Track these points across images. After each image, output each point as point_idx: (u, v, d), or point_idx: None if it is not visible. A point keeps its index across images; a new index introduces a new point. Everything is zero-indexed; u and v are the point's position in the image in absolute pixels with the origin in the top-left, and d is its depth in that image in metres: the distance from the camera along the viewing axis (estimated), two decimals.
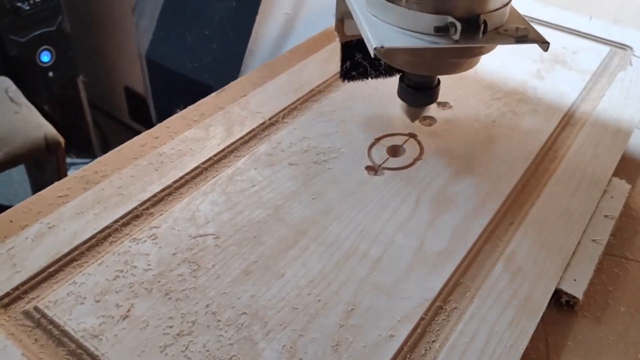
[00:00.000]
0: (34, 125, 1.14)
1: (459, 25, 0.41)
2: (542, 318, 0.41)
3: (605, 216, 0.48)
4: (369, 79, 0.58)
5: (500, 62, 0.67)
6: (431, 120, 0.58)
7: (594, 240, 0.46)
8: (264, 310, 0.39)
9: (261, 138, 0.55)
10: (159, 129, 0.55)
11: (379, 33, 0.44)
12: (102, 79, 1.63)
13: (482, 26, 0.42)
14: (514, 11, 0.47)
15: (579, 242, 0.46)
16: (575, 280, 0.43)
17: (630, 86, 0.65)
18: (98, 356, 0.35)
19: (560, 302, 0.42)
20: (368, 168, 0.52)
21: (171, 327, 0.38)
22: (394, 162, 0.53)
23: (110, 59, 1.59)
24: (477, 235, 0.45)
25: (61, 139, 1.15)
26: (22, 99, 1.20)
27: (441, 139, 0.56)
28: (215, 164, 0.51)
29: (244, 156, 0.52)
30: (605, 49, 0.72)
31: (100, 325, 0.37)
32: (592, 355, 0.39)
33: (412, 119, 0.55)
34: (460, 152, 0.54)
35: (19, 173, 1.39)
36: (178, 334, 0.37)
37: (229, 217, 0.46)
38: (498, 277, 0.42)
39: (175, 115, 0.57)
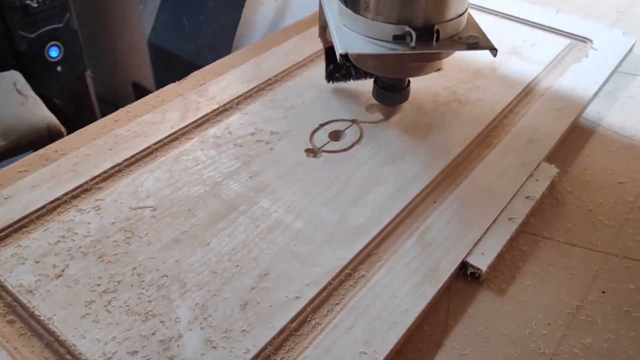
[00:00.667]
0: (39, 116, 1.21)
1: (414, 33, 0.47)
2: (448, 288, 0.44)
3: (527, 197, 0.51)
4: (351, 80, 0.63)
5: (457, 55, 0.70)
6: (378, 107, 0.61)
7: (510, 219, 0.49)
8: (185, 274, 0.43)
9: (213, 123, 0.59)
10: (120, 113, 0.60)
11: (346, 40, 0.50)
12: (110, 74, 1.70)
13: (436, 35, 0.47)
14: (471, 20, 0.53)
15: (494, 220, 0.48)
16: (483, 254, 0.45)
17: (581, 77, 0.67)
18: (29, 308, 0.40)
19: (466, 274, 0.45)
20: (308, 151, 0.55)
21: (99, 285, 0.42)
22: (333, 145, 0.56)
23: (118, 55, 1.66)
24: (396, 212, 0.48)
25: (63, 129, 1.21)
26: (29, 92, 1.27)
27: (382, 125, 0.59)
28: (165, 145, 0.55)
29: (193, 138, 0.56)
30: (565, 42, 0.74)
31: (36, 282, 0.42)
32: (488, 322, 0.42)
33: (386, 118, 0.60)
34: (398, 138, 0.57)
35: None
36: (104, 292, 0.41)
37: (169, 192, 0.50)
38: (409, 249, 0.45)
39: (137, 102, 0.62)
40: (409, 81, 0.57)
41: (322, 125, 0.58)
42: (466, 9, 0.51)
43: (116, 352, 0.37)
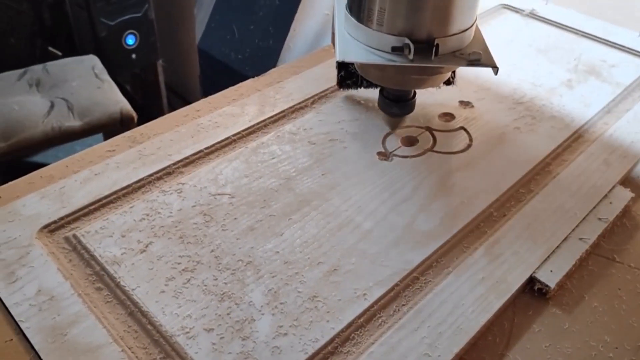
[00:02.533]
0: (113, 100, 1.27)
1: (412, 46, 0.46)
2: (513, 301, 0.44)
3: (599, 219, 0.50)
4: (362, 87, 0.63)
5: (532, 69, 0.70)
6: (450, 117, 0.62)
7: (580, 239, 0.48)
8: (259, 260, 0.45)
9: (289, 119, 0.61)
10: (201, 103, 0.63)
11: (346, 48, 0.50)
12: (179, 65, 1.76)
13: (435, 49, 0.47)
14: (478, 36, 0.52)
15: (565, 239, 0.48)
16: (551, 271, 0.45)
17: None
18: (115, 278, 0.43)
19: (533, 289, 0.45)
20: (379, 154, 0.56)
21: (179, 263, 0.44)
22: (405, 150, 0.57)
23: (188, 47, 1.71)
24: (465, 222, 0.49)
25: (134, 115, 1.27)
26: (106, 76, 1.33)
27: (455, 135, 0.59)
28: (244, 137, 0.58)
29: (270, 133, 0.58)
30: None
31: (122, 255, 0.45)
32: (553, 340, 0.42)
33: (391, 128, 0.59)
34: (470, 149, 0.57)
35: (98, 142, 1.53)
36: (183, 270, 0.44)
37: (246, 182, 0.52)
38: (477, 260, 0.46)
39: (217, 94, 0.64)
40: (414, 93, 0.56)
41: (395, 130, 0.59)
42: (471, 25, 0.50)
43: (193, 328, 0.40)
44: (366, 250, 0.46)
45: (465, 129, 0.60)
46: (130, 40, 1.48)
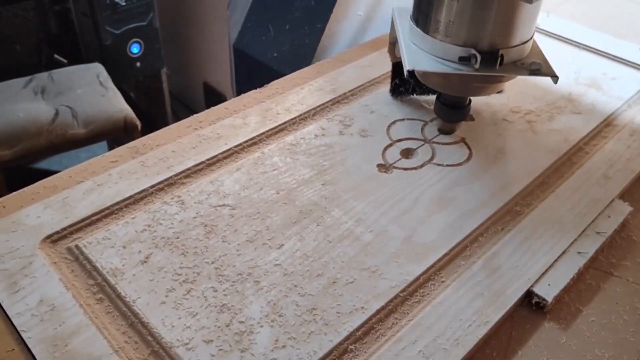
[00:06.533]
0: (117, 108, 1.28)
1: (479, 56, 0.49)
2: (511, 315, 0.45)
3: (598, 233, 0.51)
4: (414, 95, 0.66)
5: (533, 82, 0.70)
6: (450, 130, 0.62)
7: (579, 253, 0.49)
8: (259, 272, 0.45)
9: (290, 131, 0.61)
10: (204, 114, 0.63)
11: (414, 58, 0.53)
12: (184, 73, 1.77)
13: (499, 59, 0.50)
14: (535, 47, 0.55)
15: (563, 252, 0.48)
16: (549, 285, 0.46)
17: None
18: (117, 289, 0.43)
19: (531, 303, 0.45)
20: (379, 166, 0.57)
21: (179, 275, 0.45)
22: (405, 163, 0.57)
23: (193, 55, 1.73)
24: (464, 235, 0.49)
25: (138, 123, 1.28)
26: (110, 84, 1.34)
27: (455, 148, 0.60)
28: (245, 148, 0.58)
29: (271, 144, 0.59)
30: None
31: (123, 265, 0.45)
32: (550, 353, 0.42)
33: (446, 133, 0.62)
34: (469, 161, 0.58)
35: (102, 149, 1.54)
36: (184, 281, 0.44)
37: (247, 193, 0.53)
38: (475, 273, 0.46)
39: (220, 105, 0.65)
40: (469, 100, 0.59)
41: (394, 142, 0.60)
42: (531, 37, 0.53)
43: (193, 339, 0.40)
44: (365, 263, 0.46)
45: (465, 142, 0.60)
46: (135, 49, 1.49)
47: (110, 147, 1.45)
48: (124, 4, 1.39)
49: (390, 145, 0.60)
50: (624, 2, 0.96)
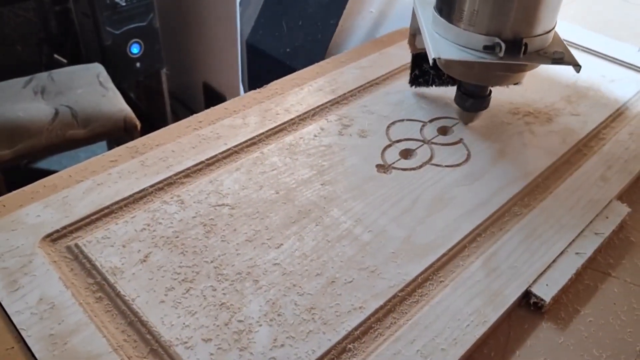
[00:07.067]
0: (117, 108, 1.28)
1: (503, 45, 0.50)
2: (509, 315, 0.45)
3: (596, 234, 0.51)
4: (433, 86, 0.67)
5: (532, 84, 0.70)
6: (449, 130, 0.62)
7: (577, 253, 0.49)
8: (258, 271, 0.45)
9: (289, 131, 0.61)
10: (203, 114, 0.63)
11: (438, 46, 0.54)
12: (183, 73, 1.77)
13: (523, 48, 0.50)
14: (557, 37, 0.55)
15: (561, 253, 0.49)
16: (547, 285, 0.46)
17: None
18: (116, 287, 0.43)
19: (529, 303, 0.45)
20: (378, 166, 0.57)
21: (179, 274, 0.45)
22: (404, 163, 0.57)
23: (193, 55, 1.73)
24: (463, 235, 0.49)
25: (138, 123, 1.28)
26: (110, 84, 1.34)
27: (453, 148, 0.60)
28: (244, 148, 0.59)
29: (270, 144, 0.59)
30: None
31: (122, 264, 0.45)
32: (547, 354, 0.42)
33: (465, 122, 0.62)
34: (468, 161, 0.58)
35: (101, 149, 1.54)
36: (183, 280, 0.44)
37: (246, 193, 0.53)
38: (474, 273, 0.46)
39: (219, 105, 0.65)
40: (490, 90, 0.60)
41: (393, 142, 0.60)
42: (554, 27, 0.54)
43: (192, 338, 0.40)
44: (364, 262, 0.46)
45: (464, 143, 0.61)
46: (135, 49, 1.49)
47: (110, 147, 1.45)
48: (124, 4, 1.40)
49: (390, 145, 0.60)
50: (623, 5, 0.97)
